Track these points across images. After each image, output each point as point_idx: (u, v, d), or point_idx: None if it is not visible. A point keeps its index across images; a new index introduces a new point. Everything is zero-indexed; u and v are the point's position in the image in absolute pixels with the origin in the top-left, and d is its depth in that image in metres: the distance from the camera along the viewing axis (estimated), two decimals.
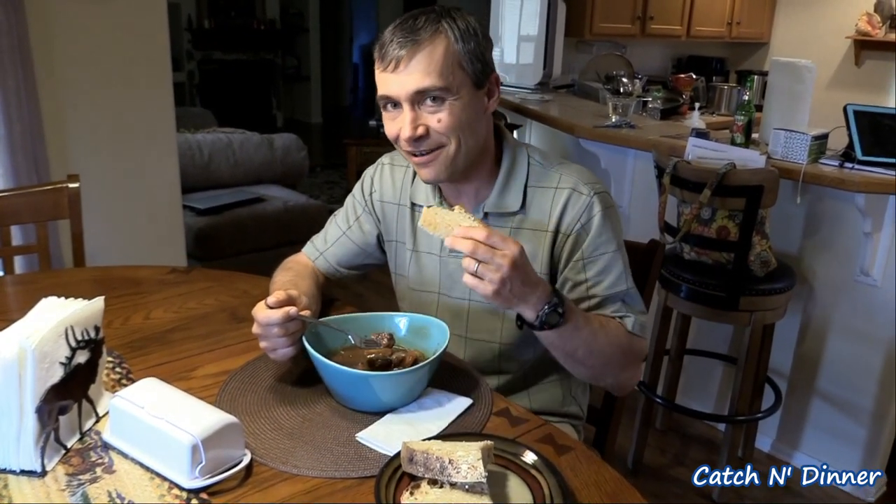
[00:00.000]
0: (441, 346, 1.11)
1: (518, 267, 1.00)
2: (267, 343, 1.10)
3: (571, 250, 1.22)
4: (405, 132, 1.14)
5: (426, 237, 1.33)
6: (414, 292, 1.37)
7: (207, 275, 1.59)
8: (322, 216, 4.01)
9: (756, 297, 2.25)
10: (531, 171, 1.25)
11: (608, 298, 1.21)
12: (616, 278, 1.22)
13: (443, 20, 1.13)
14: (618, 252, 1.23)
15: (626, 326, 1.20)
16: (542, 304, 1.05)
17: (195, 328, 1.33)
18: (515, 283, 1.01)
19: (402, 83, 1.12)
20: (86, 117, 2.75)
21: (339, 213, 1.45)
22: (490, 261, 0.99)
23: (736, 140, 2.50)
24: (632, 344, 1.19)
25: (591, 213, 1.21)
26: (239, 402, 1.08)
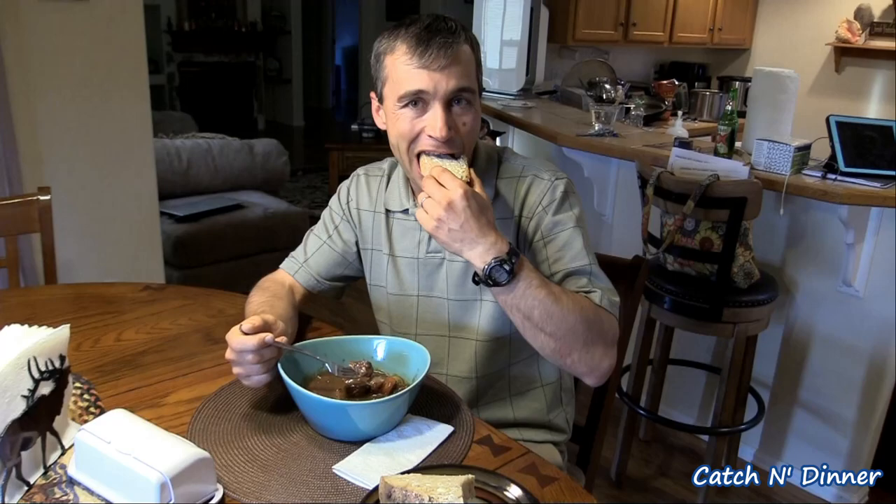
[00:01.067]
0: (421, 371, 1.08)
1: (454, 209, 1.03)
2: (241, 370, 1.07)
3: (533, 232, 1.24)
4: (440, 131, 1.14)
5: (402, 240, 1.32)
6: (392, 297, 1.35)
7: (182, 292, 1.55)
8: (303, 223, 4.03)
9: (739, 309, 2.24)
10: (501, 168, 1.29)
11: (571, 273, 1.20)
12: (577, 253, 1.21)
13: (463, 29, 1.18)
14: (577, 229, 1.22)
15: (592, 301, 1.16)
16: (490, 258, 1.05)
17: (168, 350, 1.29)
18: (452, 224, 1.04)
19: (444, 81, 1.13)
20: (60, 125, 2.69)
21: (316, 226, 1.42)
22: (433, 195, 1.04)
23: (719, 150, 2.49)
24: (599, 317, 1.14)
25: (553, 196, 1.23)
26: (212, 432, 1.05)
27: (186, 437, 1.02)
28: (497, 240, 1.06)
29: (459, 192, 1.03)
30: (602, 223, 3.06)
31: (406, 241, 1.32)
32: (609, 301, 1.17)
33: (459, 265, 1.28)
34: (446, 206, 1.03)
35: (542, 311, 1.08)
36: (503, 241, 1.07)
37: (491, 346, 1.30)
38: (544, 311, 1.08)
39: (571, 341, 1.11)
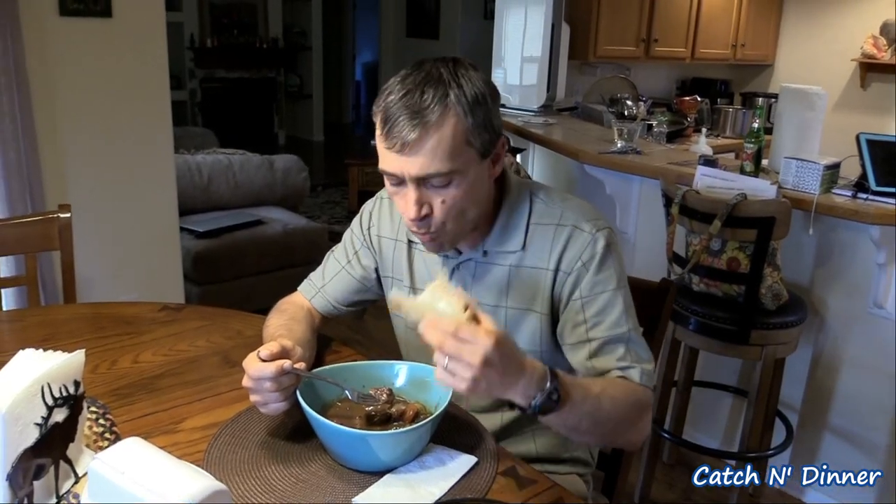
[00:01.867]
0: (444, 399, 1.04)
1: (492, 363, 0.90)
2: (258, 397, 1.04)
3: (571, 290, 1.17)
4: (409, 213, 1.09)
5: (424, 273, 1.28)
6: (412, 331, 1.31)
7: (200, 313, 1.53)
8: (322, 239, 4.02)
9: (768, 331, 2.18)
10: (534, 209, 1.20)
11: (609, 341, 1.15)
12: (616, 319, 1.15)
13: (451, 92, 1.04)
14: (618, 291, 1.16)
15: (631, 379, 1.13)
16: (534, 391, 0.96)
17: (185, 373, 1.27)
18: (492, 377, 0.91)
19: (407, 166, 1.05)
20: (82, 141, 2.70)
21: (336, 248, 1.40)
22: (459, 357, 0.89)
23: (745, 168, 2.45)
24: (639, 399, 1.11)
25: (593, 251, 1.16)
26: (228, 461, 1.02)
27: (202, 465, 0.99)
28: (533, 369, 0.97)
29: (490, 344, 0.90)
30: (625, 242, 3.02)
31: (426, 274, 1.27)
32: (647, 376, 1.14)
33: (487, 310, 1.20)
34: (481, 364, 0.89)
35: (588, 423, 1.04)
36: (538, 367, 0.98)
37: None
38: (590, 423, 1.05)
39: (614, 437, 1.12)
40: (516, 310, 1.21)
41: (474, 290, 1.22)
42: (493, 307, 1.21)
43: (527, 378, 0.96)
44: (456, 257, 1.23)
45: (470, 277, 1.22)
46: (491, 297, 1.21)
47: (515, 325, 1.21)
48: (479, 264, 1.22)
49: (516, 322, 1.21)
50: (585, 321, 1.15)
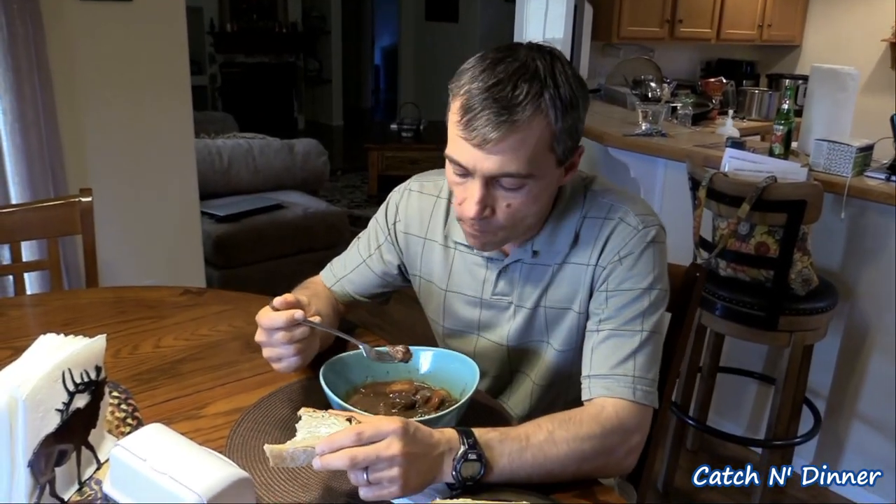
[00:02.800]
0: (470, 385, 1.02)
1: (410, 447, 0.84)
2: (271, 352, 1.02)
3: (602, 280, 1.10)
4: (469, 210, 1.01)
5: (464, 276, 1.22)
6: (447, 331, 1.29)
7: (221, 297, 1.51)
8: (342, 223, 4.01)
9: (797, 317, 2.14)
10: (585, 204, 1.13)
11: (615, 336, 1.06)
12: (633, 318, 1.07)
13: (546, 91, 0.96)
14: (647, 292, 1.08)
15: (620, 397, 1.02)
16: (452, 459, 0.89)
17: (207, 358, 1.25)
18: (418, 464, 0.85)
19: (482, 162, 0.98)
20: (103, 126, 2.70)
21: (362, 236, 1.36)
22: (377, 459, 0.82)
23: (775, 151, 2.39)
24: (621, 424, 1.00)
25: (634, 247, 1.08)
26: (251, 447, 1.00)
27: (225, 452, 0.98)
28: (448, 437, 0.90)
29: (399, 428, 0.84)
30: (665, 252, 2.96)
31: (468, 277, 1.22)
32: (643, 393, 1.03)
33: (527, 311, 1.17)
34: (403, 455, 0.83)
35: (541, 472, 0.94)
36: (449, 433, 0.91)
37: (550, 390, 1.23)
38: (544, 472, 0.94)
39: (591, 472, 0.99)
40: (555, 309, 1.16)
41: (519, 292, 1.17)
42: (533, 309, 1.17)
43: (444, 448, 0.89)
44: (501, 259, 1.17)
45: (519, 278, 1.17)
46: (531, 298, 1.17)
47: (553, 324, 1.17)
48: (524, 266, 1.16)
49: (554, 322, 1.17)
50: (603, 311, 1.09)
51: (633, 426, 1.02)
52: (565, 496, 0.93)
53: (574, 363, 1.17)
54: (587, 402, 1.05)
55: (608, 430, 0.99)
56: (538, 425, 0.97)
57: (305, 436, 0.88)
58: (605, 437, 0.98)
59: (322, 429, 0.88)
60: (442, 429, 0.92)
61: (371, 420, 0.87)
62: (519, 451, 0.93)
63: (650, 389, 1.04)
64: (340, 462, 0.82)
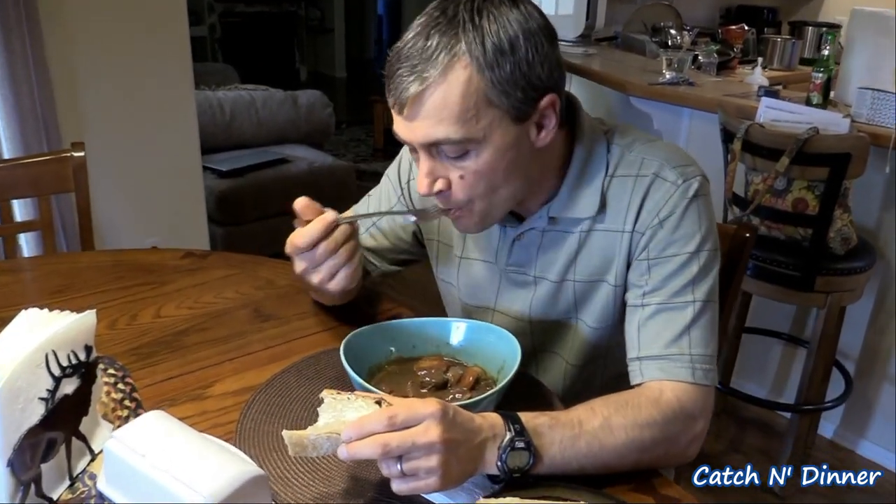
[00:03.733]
0: (511, 361, 0.91)
1: (451, 432, 0.73)
2: (318, 275, 0.92)
3: (642, 248, 0.97)
4: (420, 186, 0.91)
5: (478, 241, 1.10)
6: (464, 304, 1.17)
7: (227, 260, 1.39)
8: (349, 178, 3.88)
9: (834, 277, 2.03)
10: (610, 161, 0.99)
11: (664, 310, 0.94)
12: (682, 287, 0.94)
13: (463, 37, 0.83)
14: (695, 256, 0.94)
15: (677, 379, 0.90)
16: (497, 448, 0.78)
17: (212, 329, 1.14)
18: (459, 452, 0.74)
19: (410, 131, 0.87)
20: (99, 79, 2.55)
21: (374, 192, 1.23)
22: (413, 447, 0.71)
23: (812, 100, 2.24)
24: (682, 409, 0.89)
25: (676, 205, 0.95)
26: (264, 433, 0.90)
27: (234, 440, 0.87)
28: (481, 421, 0.79)
29: (438, 411, 0.74)
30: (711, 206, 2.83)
31: (482, 241, 1.09)
32: (703, 373, 0.91)
33: (550, 285, 1.05)
34: (443, 442, 0.73)
35: (595, 463, 0.84)
36: (493, 417, 0.80)
37: (584, 369, 1.11)
38: (598, 463, 0.84)
39: (650, 463, 0.88)
40: (585, 282, 1.03)
41: (539, 263, 1.05)
42: (558, 283, 1.05)
43: (487, 434, 0.78)
44: (515, 226, 1.04)
45: (535, 249, 1.05)
46: (556, 271, 1.04)
47: (584, 299, 1.05)
48: (546, 234, 1.03)
49: (584, 296, 1.04)
50: (646, 284, 0.96)
51: (695, 411, 0.90)
52: (619, 490, 0.83)
53: (612, 339, 1.06)
54: (639, 385, 0.94)
55: (669, 416, 0.88)
56: (592, 409, 0.86)
57: (329, 420, 0.77)
58: (667, 424, 0.87)
59: (348, 412, 0.77)
60: (483, 413, 0.80)
61: (404, 402, 0.77)
62: (571, 438, 0.82)
63: (710, 367, 0.93)
64: (371, 450, 0.71)
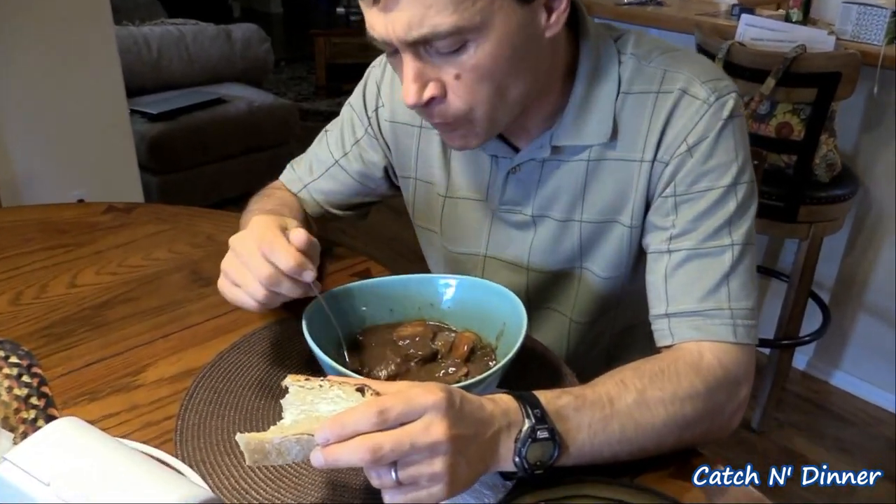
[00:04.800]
0: (513, 326, 0.74)
1: (456, 427, 0.57)
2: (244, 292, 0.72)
3: (665, 184, 0.81)
4: (408, 96, 0.73)
5: (465, 175, 0.92)
6: (450, 253, 0.99)
7: (157, 213, 1.18)
8: (292, 118, 3.62)
9: (817, 207, 1.91)
10: (623, 74, 0.82)
11: (697, 256, 0.78)
12: (717, 229, 0.78)
13: None
14: (731, 190, 0.79)
15: (719, 339, 0.75)
16: (513, 440, 0.62)
17: (142, 299, 0.94)
18: (468, 450, 0.59)
19: (390, 25, 0.70)
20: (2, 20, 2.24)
21: (331, 128, 1.03)
22: (412, 449, 0.55)
23: (792, 17, 2.09)
24: (727, 375, 0.74)
25: (706, 129, 0.78)
26: (212, 431, 0.72)
27: (174, 444, 0.69)
28: (493, 411, 0.62)
29: (442, 400, 0.57)
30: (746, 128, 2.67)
31: (470, 175, 0.91)
32: (746, 329, 0.76)
33: (552, 226, 0.89)
34: (449, 439, 0.56)
35: (631, 447, 0.69)
36: (499, 404, 0.63)
37: (591, 326, 0.95)
38: (633, 447, 0.69)
39: (692, 440, 0.73)
40: (594, 223, 0.87)
41: (539, 200, 0.88)
42: (563, 222, 0.88)
43: (501, 423, 0.62)
44: (509, 156, 0.87)
45: (534, 183, 0.88)
46: (560, 210, 0.87)
47: (591, 244, 0.88)
48: (547, 164, 0.86)
49: (592, 240, 0.88)
50: (673, 226, 0.80)
51: (740, 375, 0.75)
52: (654, 478, 0.68)
53: (623, 290, 0.91)
54: (668, 347, 0.78)
55: (713, 384, 0.73)
56: (622, 383, 0.70)
57: (297, 417, 0.59)
58: (711, 394, 0.72)
59: (322, 405, 0.60)
60: (493, 396, 0.64)
61: (394, 388, 0.60)
62: (602, 420, 0.67)
63: (752, 323, 0.77)
64: (356, 455, 0.54)
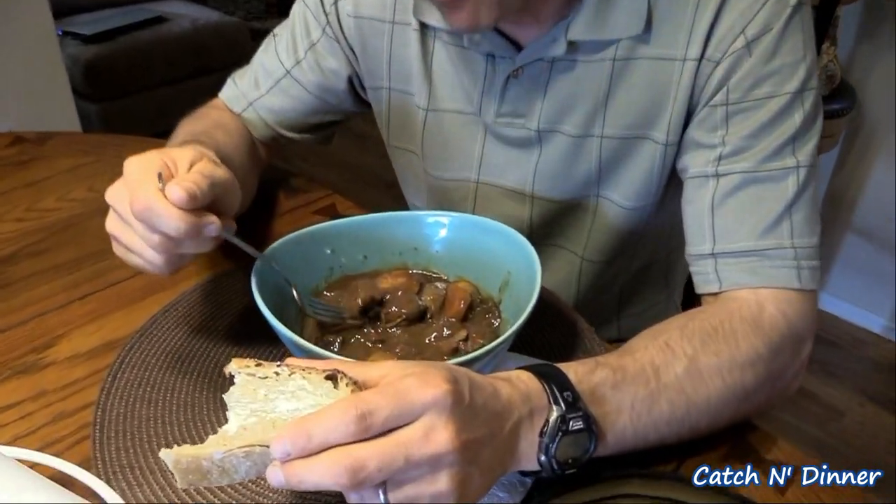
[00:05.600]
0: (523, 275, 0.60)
1: (467, 430, 0.42)
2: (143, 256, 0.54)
3: (715, 89, 0.65)
4: None
5: (451, 82, 0.75)
6: (432, 180, 0.82)
7: (76, 144, 0.98)
8: (242, 37, 3.35)
9: None
10: None
11: (754, 185, 0.63)
12: (781, 146, 0.62)
13: None
14: (798, 98, 0.63)
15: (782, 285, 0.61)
16: (538, 433, 0.47)
17: (53, 250, 0.76)
18: (483, 455, 0.44)
19: None
20: None
21: (281, 31, 0.84)
22: (406, 469, 0.40)
23: None
24: (792, 331, 0.60)
25: (767, 19, 0.62)
26: (142, 423, 0.56)
27: (93, 447, 0.53)
28: (510, 396, 0.47)
29: (447, 392, 0.41)
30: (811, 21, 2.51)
31: (458, 82, 0.74)
32: (811, 272, 0.62)
33: (564, 143, 0.72)
34: (460, 446, 0.41)
35: (680, 428, 0.54)
36: (517, 386, 0.48)
37: (605, 269, 0.81)
38: (683, 428, 0.54)
39: (744, 414, 0.59)
40: (618, 139, 0.71)
41: (547, 110, 0.71)
42: (577, 138, 0.71)
43: (521, 412, 0.47)
44: (510, 56, 0.70)
45: (540, 89, 0.70)
46: (575, 122, 0.70)
47: (613, 166, 0.72)
48: (558, 65, 0.69)
49: (614, 161, 0.71)
50: (722, 144, 0.64)
51: (804, 330, 0.61)
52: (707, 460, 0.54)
53: (648, 224, 0.76)
54: (713, 295, 0.64)
55: (777, 344, 0.58)
56: (667, 348, 0.55)
57: (247, 420, 0.44)
58: (774, 355, 0.58)
59: (280, 401, 0.44)
60: (507, 374, 0.49)
61: (378, 374, 0.44)
62: (647, 399, 0.52)
63: (816, 264, 0.63)
64: (329, 475, 0.39)
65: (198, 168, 0.54)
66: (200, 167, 0.55)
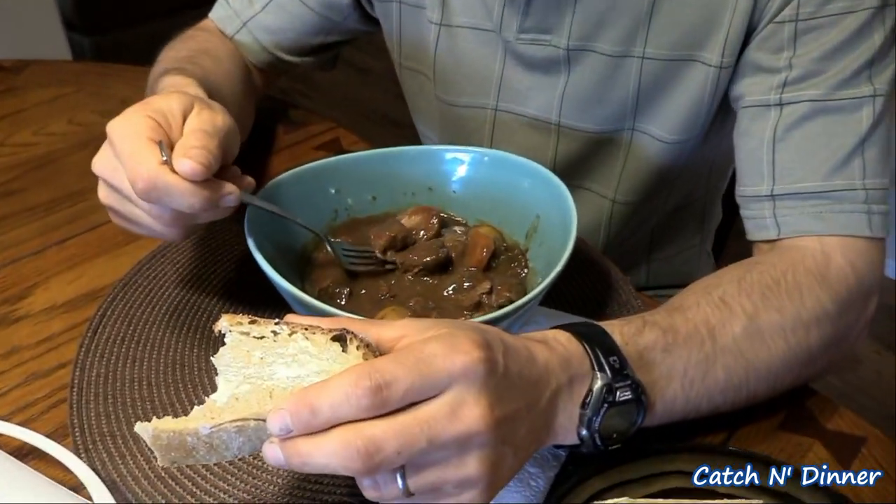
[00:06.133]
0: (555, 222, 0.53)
1: (500, 404, 0.36)
2: (151, 230, 0.48)
3: (781, 5, 0.56)
4: None
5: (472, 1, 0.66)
6: (444, 106, 0.74)
7: (57, 73, 0.89)
8: None
9: None
10: None
11: (823, 116, 0.55)
12: (857, 71, 0.55)
13: None
14: (879, 14, 0.55)
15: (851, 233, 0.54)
16: (579, 404, 0.41)
17: (30, 190, 0.69)
18: (519, 432, 0.38)
19: None
20: None
21: None
22: (429, 450, 0.34)
23: None
24: (860, 282, 0.53)
25: None
26: (125, 385, 0.50)
27: (70, 412, 0.47)
28: (547, 362, 0.40)
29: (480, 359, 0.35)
30: None
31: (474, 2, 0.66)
32: (879, 218, 0.54)
33: (598, 63, 0.64)
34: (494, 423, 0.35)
35: (736, 398, 0.48)
36: (554, 349, 0.41)
37: (637, 210, 0.73)
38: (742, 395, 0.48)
39: (806, 378, 0.52)
40: (662, 61, 0.62)
41: (578, 25, 0.62)
42: (614, 58, 0.63)
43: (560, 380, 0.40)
44: None
45: (569, 2, 0.62)
46: (612, 39, 0.62)
47: (654, 91, 0.64)
48: None
49: (657, 86, 0.63)
50: (789, 66, 0.56)
51: (873, 284, 0.54)
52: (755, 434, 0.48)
53: (689, 159, 0.68)
54: (769, 243, 0.56)
55: (845, 300, 0.51)
56: (723, 304, 0.48)
57: (239, 388, 0.38)
58: (842, 313, 0.51)
59: (278, 365, 0.38)
60: (542, 334, 0.42)
61: (394, 334, 0.37)
62: (702, 363, 0.45)
63: (885, 208, 0.55)
64: (338, 457, 0.33)
65: (197, 124, 0.47)
66: (199, 122, 0.47)
